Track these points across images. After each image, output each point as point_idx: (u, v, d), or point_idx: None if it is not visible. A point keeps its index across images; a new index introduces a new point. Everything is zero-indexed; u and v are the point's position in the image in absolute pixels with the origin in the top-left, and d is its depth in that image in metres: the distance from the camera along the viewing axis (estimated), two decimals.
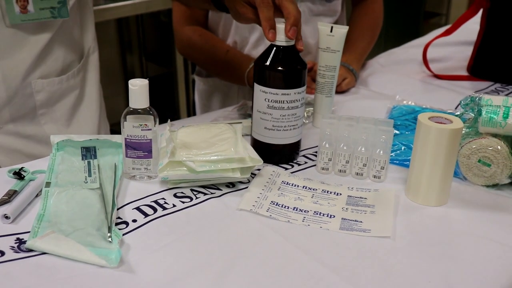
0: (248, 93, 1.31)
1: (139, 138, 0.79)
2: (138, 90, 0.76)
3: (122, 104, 2.94)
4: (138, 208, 0.75)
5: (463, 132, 0.83)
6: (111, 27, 2.75)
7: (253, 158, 0.78)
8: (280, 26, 0.83)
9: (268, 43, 1.26)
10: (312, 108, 1.07)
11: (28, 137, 0.99)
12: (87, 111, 1.08)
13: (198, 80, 1.47)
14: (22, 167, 0.81)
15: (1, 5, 0.88)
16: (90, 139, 0.86)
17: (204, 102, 1.47)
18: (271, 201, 0.77)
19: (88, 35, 1.06)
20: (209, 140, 0.81)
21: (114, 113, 1.20)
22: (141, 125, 0.78)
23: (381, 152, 0.84)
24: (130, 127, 0.78)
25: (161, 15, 2.68)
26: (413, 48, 1.52)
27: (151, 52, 2.90)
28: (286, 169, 0.87)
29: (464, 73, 1.35)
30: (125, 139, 0.79)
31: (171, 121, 0.89)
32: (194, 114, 1.79)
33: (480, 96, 0.84)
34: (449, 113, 0.87)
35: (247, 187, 0.80)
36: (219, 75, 1.36)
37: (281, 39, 0.83)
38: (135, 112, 0.78)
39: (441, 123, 0.76)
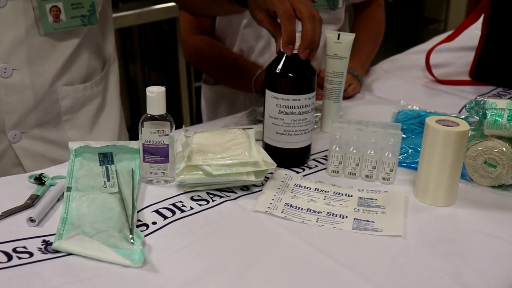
0: (255, 100, 1.33)
1: (157, 144, 0.81)
2: (156, 97, 0.79)
3: (126, 112, 2.95)
4: (157, 211, 0.77)
5: (469, 134, 0.86)
6: (114, 36, 2.78)
7: (267, 162, 0.81)
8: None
9: (274, 51, 1.29)
10: (320, 114, 1.09)
11: (52, 142, 1.02)
12: (108, 119, 1.10)
13: (205, 87, 1.50)
14: (42, 173, 0.84)
15: (35, 15, 0.91)
16: (107, 145, 0.88)
17: (211, 110, 1.50)
18: (285, 203, 0.80)
19: (109, 44, 1.10)
20: (223, 145, 0.84)
21: None
22: (158, 131, 0.81)
23: (390, 154, 0.86)
24: (148, 133, 0.81)
25: (163, 24, 2.71)
26: (415, 54, 1.55)
27: (154, 61, 2.93)
28: (298, 172, 0.90)
29: (467, 78, 1.38)
30: (143, 144, 0.82)
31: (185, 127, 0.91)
32: (198, 122, 1.81)
33: (485, 99, 0.87)
34: (454, 117, 0.90)
35: (261, 190, 0.83)
36: (226, 83, 1.39)
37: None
38: (152, 118, 0.81)
39: (448, 125, 0.79)
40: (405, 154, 0.95)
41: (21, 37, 0.91)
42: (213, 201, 0.80)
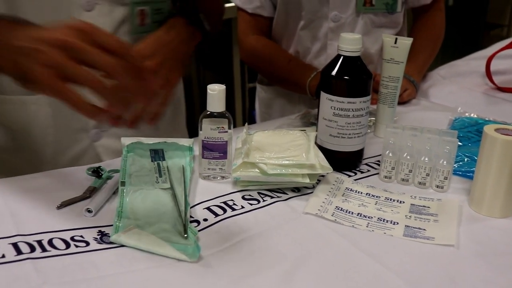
0: (309, 102, 1.33)
1: (216, 140, 0.83)
2: (217, 94, 0.81)
3: None
4: (208, 208, 0.78)
5: None
6: None
7: (323, 166, 0.81)
8: (347, 36, 0.85)
9: (331, 53, 1.29)
10: (373, 118, 1.08)
11: None
12: (176, 117, 1.14)
13: (259, 88, 1.51)
14: (99, 166, 0.87)
15: (124, 17, 0.95)
16: (158, 142, 0.90)
17: (264, 110, 1.51)
18: (336, 206, 0.79)
19: None
20: (282, 145, 0.84)
21: None
22: (218, 127, 0.82)
23: (445, 162, 0.85)
24: (208, 129, 0.83)
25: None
26: (475, 60, 1.51)
27: (209, 61, 2.97)
28: (349, 176, 0.90)
29: None
30: (202, 141, 0.84)
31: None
32: (250, 123, 1.82)
33: None
34: None
35: (312, 192, 0.83)
36: (281, 84, 1.39)
37: (348, 49, 0.86)
38: (211, 115, 0.82)
39: (507, 135, 0.76)
40: (461, 163, 0.93)
41: None
42: (264, 201, 0.81)
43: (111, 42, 0.61)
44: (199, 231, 0.73)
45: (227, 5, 2.34)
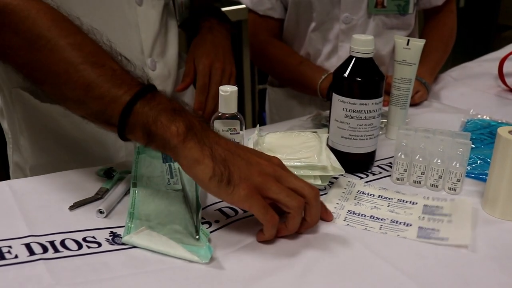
0: (320, 103, 1.33)
1: None
2: (229, 96, 0.81)
3: None
4: (220, 210, 0.78)
5: None
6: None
7: (335, 168, 0.81)
8: (359, 37, 0.85)
9: (342, 55, 1.29)
10: (385, 120, 1.08)
11: None
12: None
13: (270, 89, 1.51)
14: (111, 167, 0.87)
15: (168, 9, 1.03)
16: None
17: (275, 112, 1.51)
18: (348, 210, 0.79)
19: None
20: (294, 147, 0.84)
21: None
22: (230, 129, 0.82)
23: (458, 164, 0.84)
24: (220, 131, 0.83)
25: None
26: (487, 62, 1.50)
27: None
28: (361, 178, 0.89)
29: None
30: None
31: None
32: (261, 123, 1.82)
33: None
34: None
35: (324, 194, 0.83)
36: (291, 86, 1.39)
37: (360, 51, 0.85)
38: (223, 117, 0.82)
39: None
40: (474, 165, 0.92)
41: (157, 31, 0.99)
42: None
43: (300, 182, 0.70)
44: (210, 232, 0.72)
45: (237, 7, 2.35)
